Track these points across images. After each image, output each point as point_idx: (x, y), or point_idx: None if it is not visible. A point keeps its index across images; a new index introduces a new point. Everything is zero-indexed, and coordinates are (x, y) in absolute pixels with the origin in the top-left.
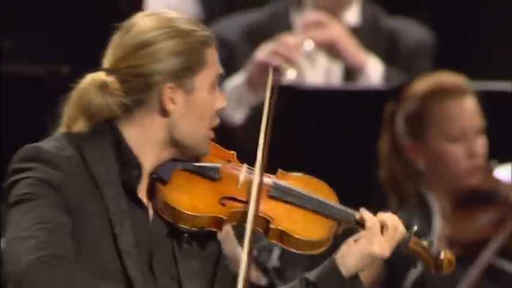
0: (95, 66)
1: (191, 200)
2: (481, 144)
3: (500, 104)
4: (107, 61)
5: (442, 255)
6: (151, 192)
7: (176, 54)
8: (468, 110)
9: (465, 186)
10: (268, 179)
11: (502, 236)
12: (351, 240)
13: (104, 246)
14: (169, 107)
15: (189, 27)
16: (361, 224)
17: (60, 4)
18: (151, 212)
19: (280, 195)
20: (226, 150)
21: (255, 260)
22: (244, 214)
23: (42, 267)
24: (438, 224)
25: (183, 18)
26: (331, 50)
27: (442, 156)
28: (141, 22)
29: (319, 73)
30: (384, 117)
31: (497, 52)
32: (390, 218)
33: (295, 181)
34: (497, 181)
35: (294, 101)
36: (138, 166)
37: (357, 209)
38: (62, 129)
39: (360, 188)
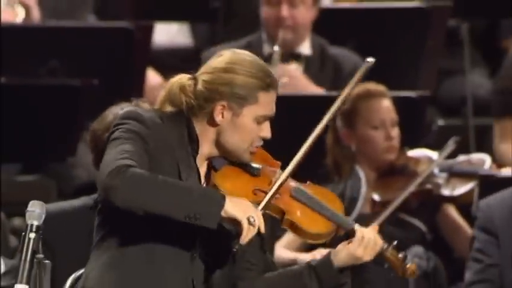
0: (116, 79)
1: (232, 186)
2: (395, 131)
3: (408, 105)
4: (201, 70)
5: (408, 266)
6: (208, 173)
7: (238, 86)
8: (386, 106)
9: (384, 161)
10: (294, 183)
11: (403, 196)
12: (345, 242)
13: None
14: (217, 118)
15: (257, 71)
16: (352, 233)
17: (90, 36)
18: (204, 185)
19: (297, 196)
20: (273, 160)
21: None
22: (267, 203)
23: (119, 174)
24: (364, 190)
25: (258, 62)
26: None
27: (367, 140)
28: (229, 55)
29: None
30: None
31: (406, 71)
32: (373, 234)
33: (315, 190)
34: (408, 158)
35: None
36: (196, 141)
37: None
38: (156, 106)
39: (313, 168)
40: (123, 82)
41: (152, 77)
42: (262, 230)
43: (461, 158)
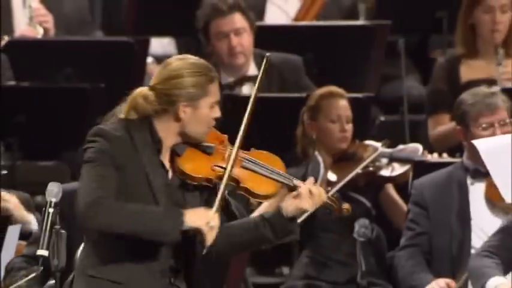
0: (119, 83)
1: (194, 167)
2: (349, 126)
3: (356, 104)
4: (153, 80)
5: (343, 206)
6: (172, 161)
7: (192, 86)
8: (343, 105)
9: (339, 149)
10: (243, 155)
11: (351, 175)
12: (291, 196)
13: (142, 187)
14: (181, 115)
15: (202, 69)
16: (297, 189)
17: (98, 48)
18: (171, 172)
19: (247, 166)
20: (221, 134)
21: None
22: (224, 176)
23: (93, 206)
24: (322, 172)
25: (199, 61)
26: None
27: (326, 130)
28: (175, 62)
29: None
30: (300, 115)
31: (354, 76)
32: (318, 189)
33: (260, 156)
34: (358, 146)
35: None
36: (159, 142)
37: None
38: (122, 115)
39: (286, 153)
40: (125, 85)
41: None
42: (215, 230)
43: (400, 146)
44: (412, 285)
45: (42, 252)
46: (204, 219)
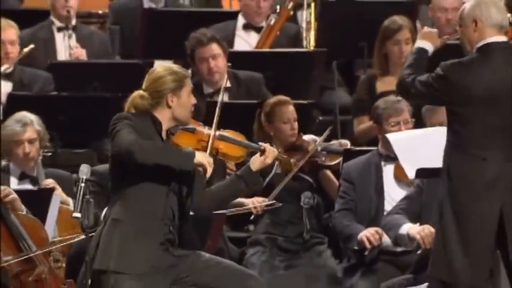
0: (131, 94)
1: (184, 141)
2: (295, 124)
3: (302, 108)
4: (144, 85)
5: (291, 160)
6: (167, 138)
7: (173, 81)
8: (290, 109)
9: (290, 141)
10: (218, 132)
11: (299, 164)
12: (258, 155)
13: None
14: (170, 104)
15: (179, 70)
16: (261, 150)
17: (117, 68)
18: None
19: (222, 138)
20: (196, 121)
21: None
22: (207, 147)
23: (135, 144)
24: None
25: (176, 66)
26: None
27: (281, 130)
28: (158, 68)
29: None
30: (256, 114)
31: (301, 88)
32: (272, 148)
33: (229, 132)
34: (303, 140)
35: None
36: (160, 124)
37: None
38: (126, 111)
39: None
40: None
41: None
42: (212, 167)
43: (334, 141)
44: (350, 233)
45: (76, 214)
46: (206, 158)
